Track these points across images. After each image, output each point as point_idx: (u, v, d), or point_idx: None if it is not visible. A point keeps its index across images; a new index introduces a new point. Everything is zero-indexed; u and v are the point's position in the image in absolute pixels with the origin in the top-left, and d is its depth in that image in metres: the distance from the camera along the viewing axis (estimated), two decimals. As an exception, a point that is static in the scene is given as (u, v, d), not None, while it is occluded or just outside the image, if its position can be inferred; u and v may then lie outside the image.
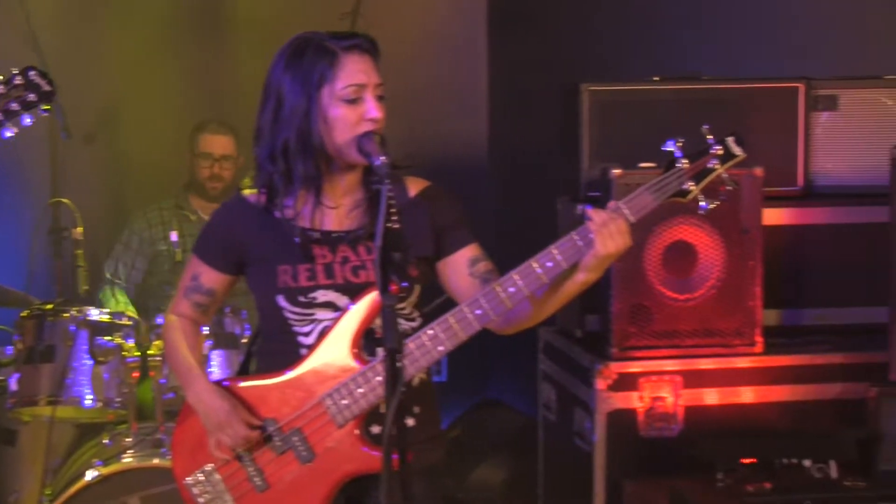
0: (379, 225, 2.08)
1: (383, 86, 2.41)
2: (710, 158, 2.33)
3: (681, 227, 3.46)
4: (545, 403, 3.97)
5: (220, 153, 4.37)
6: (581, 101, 3.68)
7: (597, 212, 2.30)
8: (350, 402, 2.34)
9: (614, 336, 3.46)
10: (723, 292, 3.48)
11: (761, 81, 3.77)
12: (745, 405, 3.49)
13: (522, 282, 2.31)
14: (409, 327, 2.44)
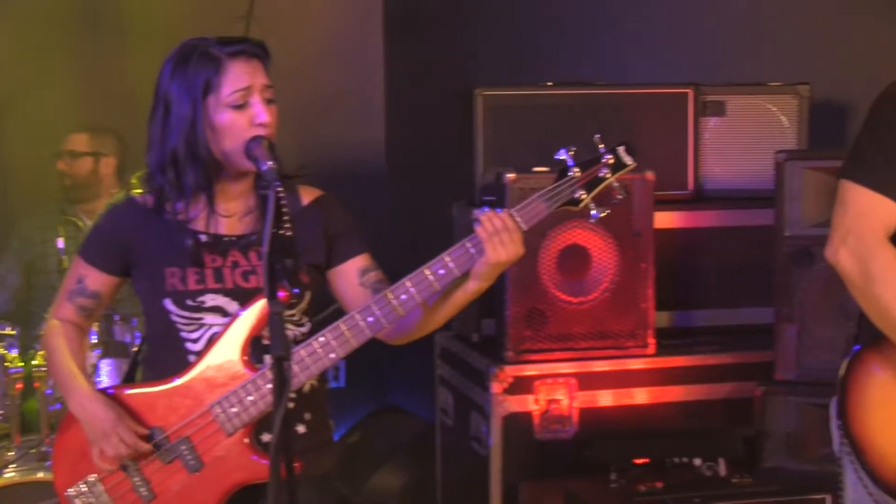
0: (266, 230, 2.05)
1: (272, 88, 2.39)
2: (602, 167, 2.35)
3: (574, 230, 3.49)
4: (442, 408, 3.97)
5: (67, 148, 4.32)
6: (475, 106, 3.70)
7: (488, 219, 2.30)
8: (240, 409, 2.31)
9: (510, 340, 3.48)
10: (616, 295, 3.52)
11: (652, 87, 3.83)
12: (639, 406, 3.54)
13: (415, 289, 2.31)
14: (299, 333, 2.43)
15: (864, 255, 2.38)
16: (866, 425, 2.43)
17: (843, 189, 2.46)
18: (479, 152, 3.71)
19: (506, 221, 2.30)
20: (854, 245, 2.39)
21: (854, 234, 2.40)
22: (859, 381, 2.44)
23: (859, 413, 2.44)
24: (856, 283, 2.41)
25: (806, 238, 3.36)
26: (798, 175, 3.38)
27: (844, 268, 2.42)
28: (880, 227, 2.40)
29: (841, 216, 2.44)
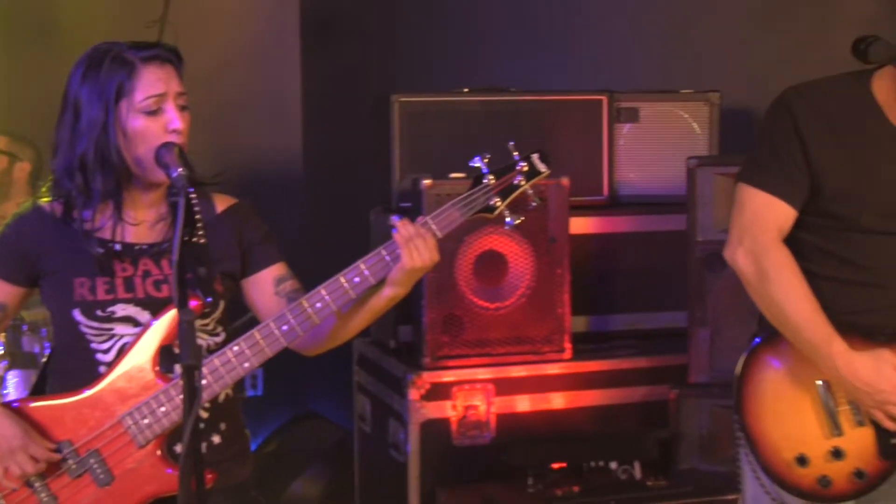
0: (175, 238, 2.01)
1: (186, 95, 2.35)
2: (516, 175, 2.36)
3: (491, 237, 3.51)
4: (360, 415, 3.96)
5: None
6: (392, 112, 3.70)
7: (404, 225, 2.30)
8: (152, 420, 2.27)
9: (427, 346, 3.48)
10: (532, 300, 3.55)
11: (566, 94, 3.87)
12: (556, 411, 3.57)
13: (330, 297, 2.29)
14: (213, 343, 2.39)
15: (759, 254, 2.45)
16: (760, 420, 2.49)
17: (740, 192, 2.53)
18: (395, 158, 3.71)
19: (419, 229, 2.30)
20: (750, 245, 2.46)
21: (750, 235, 2.47)
22: (755, 376, 2.51)
23: (754, 408, 2.50)
24: (751, 282, 2.48)
25: (717, 243, 3.40)
26: (709, 181, 3.45)
27: (741, 267, 2.49)
28: (774, 228, 2.47)
29: (738, 218, 2.51)
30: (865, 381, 2.38)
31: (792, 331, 2.45)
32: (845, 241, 2.48)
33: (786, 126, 2.47)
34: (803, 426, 2.47)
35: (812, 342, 2.42)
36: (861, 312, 2.47)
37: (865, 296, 2.47)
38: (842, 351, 2.40)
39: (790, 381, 2.49)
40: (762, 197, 2.48)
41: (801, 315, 2.42)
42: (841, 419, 2.46)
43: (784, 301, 2.43)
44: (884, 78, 2.49)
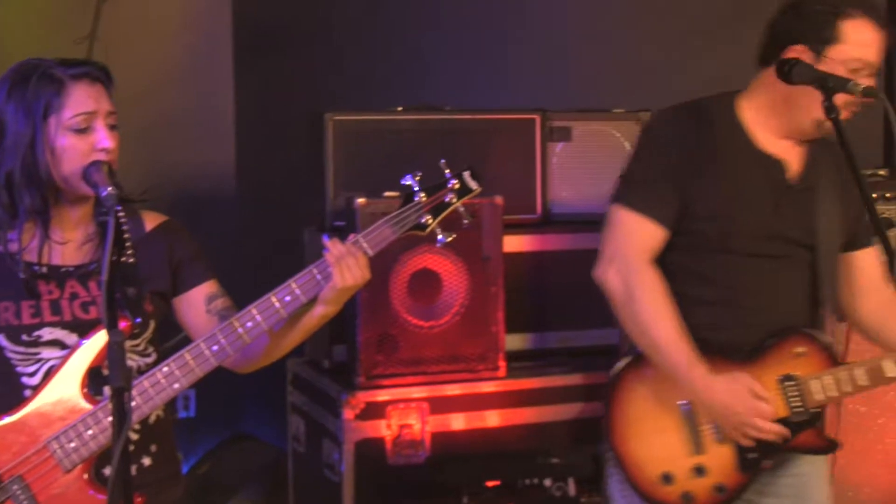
0: (104, 258, 1.99)
1: (116, 114, 2.33)
2: (447, 193, 2.37)
3: (425, 255, 3.51)
4: (294, 435, 3.92)
5: None
6: (325, 130, 3.68)
7: (334, 244, 2.30)
8: (78, 444, 2.22)
9: (361, 365, 3.47)
10: (467, 319, 3.55)
11: (500, 113, 3.89)
12: (490, 429, 3.57)
13: (261, 316, 2.28)
14: (144, 363, 2.36)
15: (628, 275, 2.51)
16: (627, 439, 2.55)
17: (612, 212, 2.58)
18: (329, 177, 3.69)
19: (350, 247, 2.29)
20: (619, 265, 2.52)
21: (620, 255, 2.53)
22: (621, 398, 2.56)
23: (621, 428, 2.55)
24: (619, 303, 2.54)
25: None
26: (640, 199, 3.48)
27: (610, 287, 2.54)
28: (645, 249, 2.53)
29: (609, 238, 2.57)
30: (723, 404, 2.45)
31: (656, 353, 2.51)
32: (712, 261, 2.54)
33: (656, 150, 2.54)
34: (667, 445, 2.54)
35: (674, 365, 2.48)
36: (722, 330, 2.55)
37: (728, 315, 2.55)
38: (702, 375, 2.46)
39: (654, 401, 2.55)
40: (634, 218, 2.53)
41: (665, 338, 2.48)
42: (702, 438, 2.53)
43: (649, 323, 2.49)
44: (750, 100, 2.58)
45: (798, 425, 2.51)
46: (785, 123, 2.55)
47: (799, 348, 2.52)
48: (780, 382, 2.52)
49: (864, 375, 2.51)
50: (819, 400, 2.51)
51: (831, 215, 2.56)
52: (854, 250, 2.67)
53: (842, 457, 3.63)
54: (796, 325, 2.56)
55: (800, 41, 2.47)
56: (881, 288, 2.67)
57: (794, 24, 2.49)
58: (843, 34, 2.45)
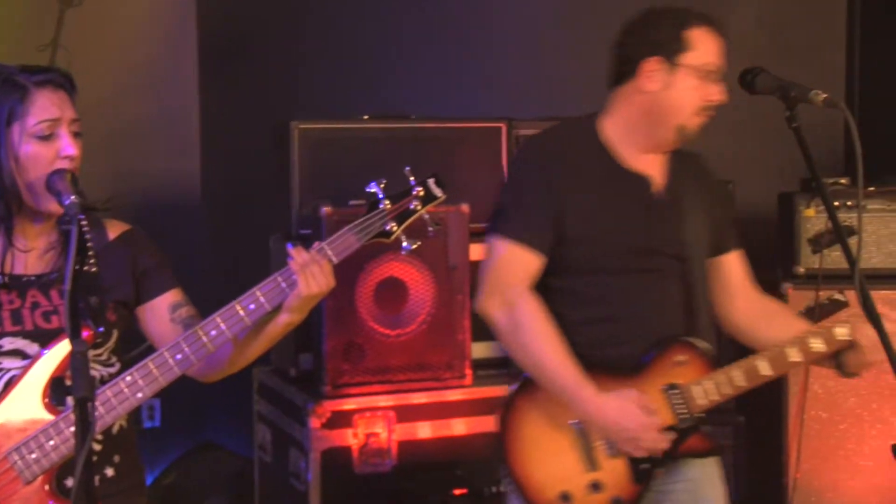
0: (68, 267, 1.97)
1: (80, 122, 2.31)
2: (412, 200, 2.36)
3: (391, 263, 3.51)
4: (261, 445, 3.91)
5: None
6: (292, 139, 3.68)
7: (299, 252, 2.29)
8: (39, 455, 2.20)
9: (327, 374, 3.46)
10: (433, 327, 3.56)
11: (466, 121, 3.90)
12: (457, 437, 3.57)
13: (225, 325, 2.27)
14: (107, 373, 2.34)
15: (511, 305, 2.56)
16: (524, 463, 2.60)
17: (489, 245, 2.63)
18: (295, 185, 3.69)
19: (315, 255, 2.29)
20: (502, 296, 2.57)
21: (501, 286, 2.58)
22: (514, 422, 2.61)
23: (517, 452, 2.60)
24: (504, 332, 2.60)
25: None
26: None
27: (494, 317, 2.60)
28: (524, 277, 2.58)
29: (489, 268, 2.62)
30: (614, 422, 2.52)
31: (545, 378, 2.56)
32: (587, 282, 2.61)
33: (529, 176, 2.60)
34: (563, 465, 2.59)
35: (564, 388, 2.54)
36: (604, 347, 2.61)
37: (608, 332, 2.61)
38: (591, 395, 2.52)
39: (547, 423, 2.60)
40: (511, 247, 2.58)
41: (552, 363, 2.54)
42: (596, 454, 2.58)
43: (536, 350, 2.55)
44: (610, 120, 2.67)
45: (685, 431, 2.58)
46: (646, 137, 2.64)
47: (679, 357, 2.60)
48: (664, 392, 2.58)
49: (742, 376, 2.59)
50: (702, 405, 2.59)
51: (697, 225, 2.65)
52: (721, 255, 2.76)
53: (804, 462, 3.66)
54: (675, 334, 2.63)
55: (652, 55, 2.59)
56: (748, 289, 2.78)
57: (643, 40, 2.61)
58: (691, 42, 2.58)
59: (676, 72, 2.57)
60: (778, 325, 2.69)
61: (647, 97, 2.59)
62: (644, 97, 2.60)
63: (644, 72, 2.59)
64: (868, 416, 3.65)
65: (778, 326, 2.68)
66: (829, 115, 2.53)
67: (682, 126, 2.61)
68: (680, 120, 2.60)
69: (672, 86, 2.58)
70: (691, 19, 2.60)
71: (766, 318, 2.73)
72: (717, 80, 2.61)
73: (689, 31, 2.58)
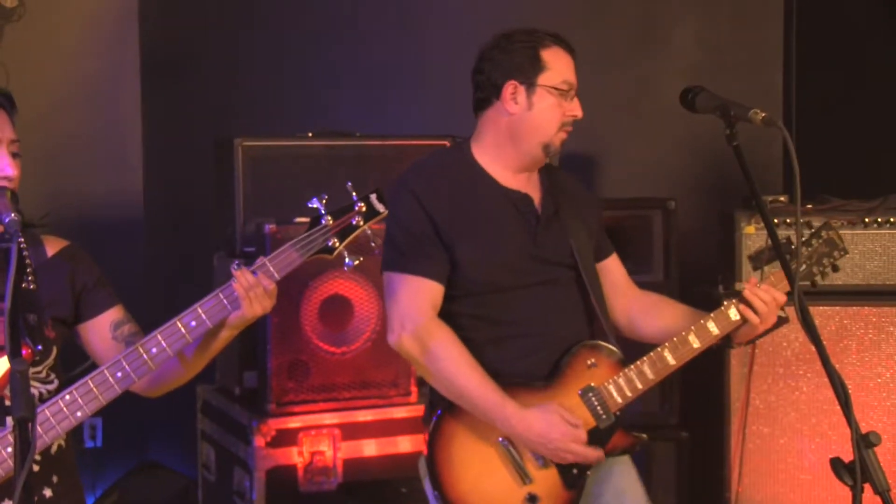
0: (8, 285, 1.95)
1: (19, 142, 2.29)
2: (354, 215, 2.36)
3: (336, 280, 3.50)
4: (204, 464, 3.87)
5: None
6: (235, 156, 3.66)
7: (243, 274, 2.28)
8: (-24, 477, 2.17)
9: (272, 392, 3.44)
10: (378, 344, 3.55)
11: (411, 139, 3.91)
12: (403, 454, 3.57)
13: (166, 342, 2.25)
14: (46, 391, 2.31)
15: (423, 336, 2.60)
16: (457, 487, 2.63)
17: (388, 281, 2.67)
18: (239, 203, 3.67)
19: (260, 277, 2.28)
20: (412, 329, 2.61)
21: (409, 319, 2.61)
22: (442, 448, 2.65)
23: (448, 477, 2.63)
24: (421, 364, 2.63)
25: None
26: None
27: (409, 351, 2.62)
28: (430, 308, 2.62)
29: (393, 305, 2.65)
30: (539, 435, 2.57)
31: (467, 401, 2.60)
32: (488, 302, 2.66)
33: (413, 210, 2.64)
34: (497, 483, 2.61)
35: (486, 409, 2.58)
36: (516, 362, 2.65)
37: (517, 347, 2.66)
38: (514, 412, 2.56)
39: (475, 444, 2.62)
40: (410, 280, 2.62)
41: (472, 386, 2.57)
42: (527, 467, 2.62)
43: (454, 376, 2.58)
44: (480, 145, 2.74)
45: (607, 431, 2.65)
46: (515, 157, 2.71)
47: (589, 360, 2.67)
48: (581, 395, 2.65)
49: (650, 369, 2.66)
50: (619, 403, 2.66)
51: (580, 233, 2.75)
52: (601, 260, 2.85)
53: (746, 476, 3.71)
54: (581, 339, 2.70)
55: (510, 78, 2.67)
56: (627, 287, 2.89)
57: (499, 65, 2.69)
58: (546, 62, 2.67)
59: (535, 92, 2.65)
60: (668, 314, 2.80)
61: (511, 119, 2.67)
62: (508, 119, 2.68)
63: (505, 95, 2.67)
64: (808, 431, 3.70)
65: (669, 315, 2.80)
66: (768, 133, 2.57)
67: (546, 144, 2.68)
68: (544, 138, 2.67)
69: (533, 106, 2.66)
70: (543, 40, 2.69)
71: (655, 309, 2.84)
72: (573, 96, 2.69)
73: (544, 51, 2.67)
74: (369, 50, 4.54)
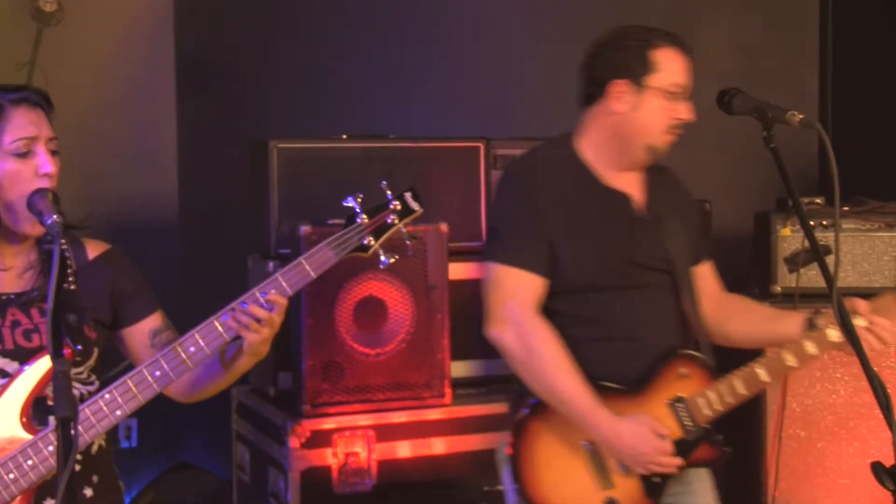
0: (50, 286, 1.96)
1: (57, 140, 2.31)
2: (389, 214, 2.37)
3: (370, 282, 3.51)
4: (239, 465, 3.89)
5: None
6: (270, 158, 3.68)
7: (277, 300, 2.27)
8: (18, 475, 2.18)
9: (307, 393, 3.45)
10: (412, 346, 3.55)
11: (444, 141, 3.91)
12: (437, 456, 3.57)
13: (204, 341, 2.26)
14: (86, 391, 2.33)
15: (524, 333, 2.59)
16: (539, 486, 2.62)
17: (490, 271, 2.65)
18: (273, 204, 3.68)
19: (252, 310, 2.27)
20: (513, 324, 2.60)
21: (511, 313, 2.60)
22: (527, 446, 2.63)
23: (531, 475, 2.63)
24: (518, 360, 2.62)
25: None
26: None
27: (507, 346, 2.62)
28: (532, 302, 2.61)
29: (495, 297, 2.63)
30: (629, 446, 2.56)
31: (560, 402, 2.59)
32: (584, 301, 2.65)
33: (519, 201, 2.63)
34: (578, 485, 2.61)
35: (579, 413, 2.57)
36: (608, 365, 2.64)
37: (610, 349, 2.65)
38: (606, 420, 2.56)
39: (560, 444, 2.62)
40: (513, 273, 2.61)
41: (567, 388, 2.56)
42: (610, 473, 2.61)
43: (551, 376, 2.57)
44: (585, 140, 2.70)
45: (693, 443, 2.63)
46: (618, 156, 2.68)
47: (681, 370, 2.65)
48: (670, 406, 2.63)
49: (742, 384, 2.64)
50: (707, 415, 2.63)
51: (679, 238, 2.71)
52: (696, 264, 2.81)
53: (783, 481, 3.68)
54: (674, 347, 2.67)
55: (620, 76, 2.63)
56: (718, 292, 2.85)
57: (610, 62, 2.66)
58: (657, 63, 2.63)
59: (644, 93, 2.62)
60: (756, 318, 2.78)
61: (616, 118, 2.63)
62: (613, 118, 2.64)
63: (612, 94, 2.63)
64: (845, 434, 3.67)
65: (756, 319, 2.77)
66: (803, 135, 2.56)
67: (651, 145, 2.65)
68: (649, 140, 2.64)
69: (640, 107, 2.62)
70: (656, 40, 2.64)
71: (743, 313, 2.80)
72: (684, 98, 2.65)
73: (655, 51, 2.62)
74: (402, 52, 4.55)
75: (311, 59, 4.61)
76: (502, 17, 4.50)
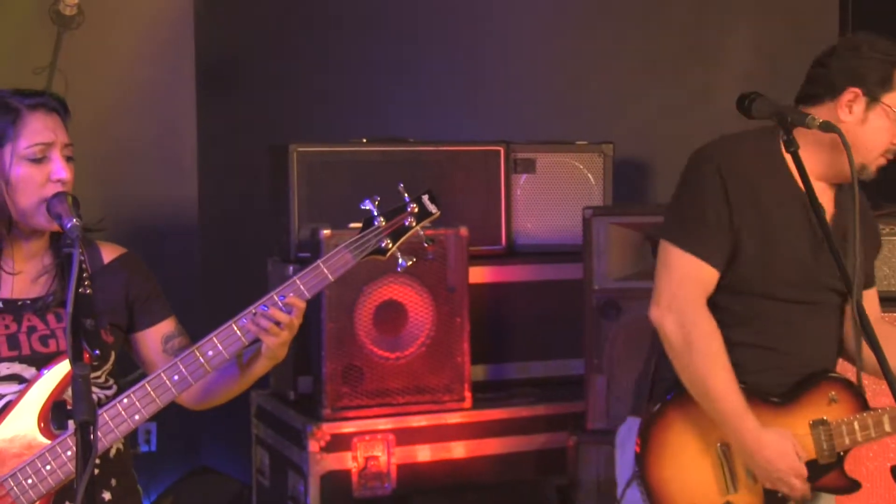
0: (69, 291, 1.96)
1: (72, 146, 2.30)
2: (406, 216, 2.35)
3: (390, 286, 3.50)
4: (259, 468, 3.89)
5: None
6: (290, 162, 3.68)
7: (296, 303, 2.26)
8: (36, 480, 2.18)
9: (326, 397, 3.45)
10: (432, 350, 3.55)
11: (464, 145, 3.91)
12: (456, 460, 3.56)
13: (222, 344, 2.25)
14: (104, 396, 2.32)
15: (688, 324, 2.51)
16: (661, 469, 2.56)
17: (666, 251, 2.56)
18: (293, 208, 3.69)
19: (272, 313, 2.26)
20: (678, 313, 2.51)
21: (678, 301, 2.52)
22: (661, 429, 2.56)
23: (656, 458, 2.56)
24: (676, 349, 2.53)
25: (612, 291, 3.47)
26: (604, 230, 3.50)
27: (668, 333, 2.53)
28: (701, 293, 2.53)
29: (666, 280, 2.55)
30: (766, 458, 2.50)
31: (708, 401, 2.52)
32: (753, 304, 2.56)
33: (714, 187, 2.51)
34: (701, 481, 2.55)
35: (726, 415, 2.51)
36: (759, 373, 2.56)
37: (764, 358, 2.57)
38: (752, 428, 2.49)
39: (693, 438, 2.56)
40: (690, 261, 2.52)
41: (720, 388, 2.50)
42: (737, 478, 2.56)
43: (707, 373, 2.50)
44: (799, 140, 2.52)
45: (825, 468, 2.57)
46: (826, 166, 2.57)
47: (832, 392, 2.58)
48: (812, 427, 2.57)
49: (890, 423, 2.58)
50: (846, 444, 2.58)
51: (860, 260, 2.56)
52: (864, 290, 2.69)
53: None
54: (828, 369, 2.61)
55: (854, 85, 2.52)
56: (876, 319, 2.69)
57: (848, 66, 2.54)
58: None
59: (874, 108, 2.51)
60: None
61: (840, 127, 2.47)
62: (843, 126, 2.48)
63: (842, 101, 2.52)
64: (866, 438, 3.63)
65: None
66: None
67: (864, 164, 2.54)
68: (864, 158, 2.52)
69: (867, 122, 2.51)
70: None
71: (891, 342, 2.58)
72: None
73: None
74: (423, 56, 4.54)
75: (332, 63, 4.61)
76: (523, 21, 4.49)
